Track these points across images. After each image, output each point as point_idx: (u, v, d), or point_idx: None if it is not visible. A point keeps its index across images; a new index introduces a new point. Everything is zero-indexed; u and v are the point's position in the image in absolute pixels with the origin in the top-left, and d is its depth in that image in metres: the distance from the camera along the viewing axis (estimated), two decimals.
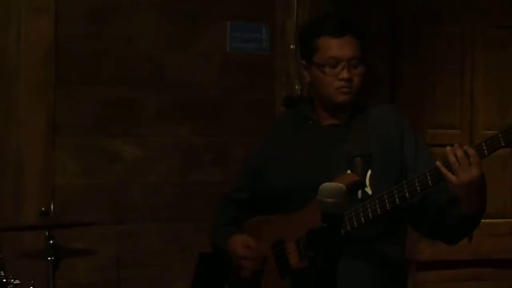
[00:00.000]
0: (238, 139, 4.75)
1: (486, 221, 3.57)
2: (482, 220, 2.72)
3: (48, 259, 3.80)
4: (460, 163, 2.55)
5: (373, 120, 2.85)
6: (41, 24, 4.39)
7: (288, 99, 4.70)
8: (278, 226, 2.85)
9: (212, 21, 4.74)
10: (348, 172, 2.74)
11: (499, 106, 5.39)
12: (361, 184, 2.71)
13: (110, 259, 4.50)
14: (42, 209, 3.91)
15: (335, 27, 2.80)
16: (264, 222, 2.93)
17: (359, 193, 2.72)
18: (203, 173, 4.73)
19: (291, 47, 4.79)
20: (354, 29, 2.83)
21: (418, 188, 2.61)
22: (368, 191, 2.73)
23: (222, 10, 4.75)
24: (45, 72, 4.41)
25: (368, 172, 2.74)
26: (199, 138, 4.73)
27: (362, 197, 2.72)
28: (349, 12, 4.49)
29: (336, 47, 2.79)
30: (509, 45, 5.42)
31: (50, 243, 3.80)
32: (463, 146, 2.57)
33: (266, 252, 2.86)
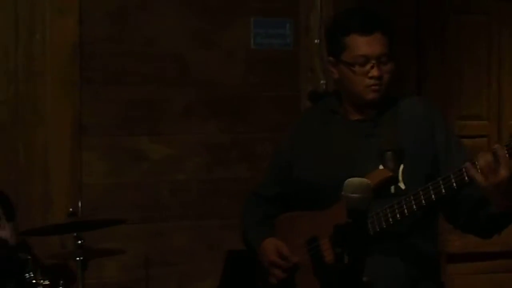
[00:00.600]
0: (264, 135, 4.73)
1: None
2: None
3: (77, 259, 3.80)
4: (489, 166, 2.51)
5: (402, 114, 2.82)
6: (65, 26, 4.40)
7: (313, 94, 4.71)
8: (311, 223, 2.83)
9: (236, 17, 4.72)
10: (381, 167, 2.71)
11: None
12: (394, 179, 2.69)
13: (139, 258, 4.51)
14: (70, 209, 3.92)
15: (363, 24, 2.76)
16: (296, 218, 2.91)
17: (392, 188, 2.70)
18: (230, 170, 4.72)
19: (315, 42, 4.77)
20: (382, 25, 2.79)
21: (455, 184, 2.58)
22: (401, 185, 2.71)
23: (246, 7, 4.74)
24: (70, 72, 4.41)
25: (401, 167, 2.72)
26: (225, 135, 4.72)
27: (396, 192, 2.69)
28: (374, 5, 4.46)
29: (365, 45, 2.76)
30: None
31: (79, 243, 3.81)
32: (494, 146, 2.53)
33: (300, 256, 2.83)
